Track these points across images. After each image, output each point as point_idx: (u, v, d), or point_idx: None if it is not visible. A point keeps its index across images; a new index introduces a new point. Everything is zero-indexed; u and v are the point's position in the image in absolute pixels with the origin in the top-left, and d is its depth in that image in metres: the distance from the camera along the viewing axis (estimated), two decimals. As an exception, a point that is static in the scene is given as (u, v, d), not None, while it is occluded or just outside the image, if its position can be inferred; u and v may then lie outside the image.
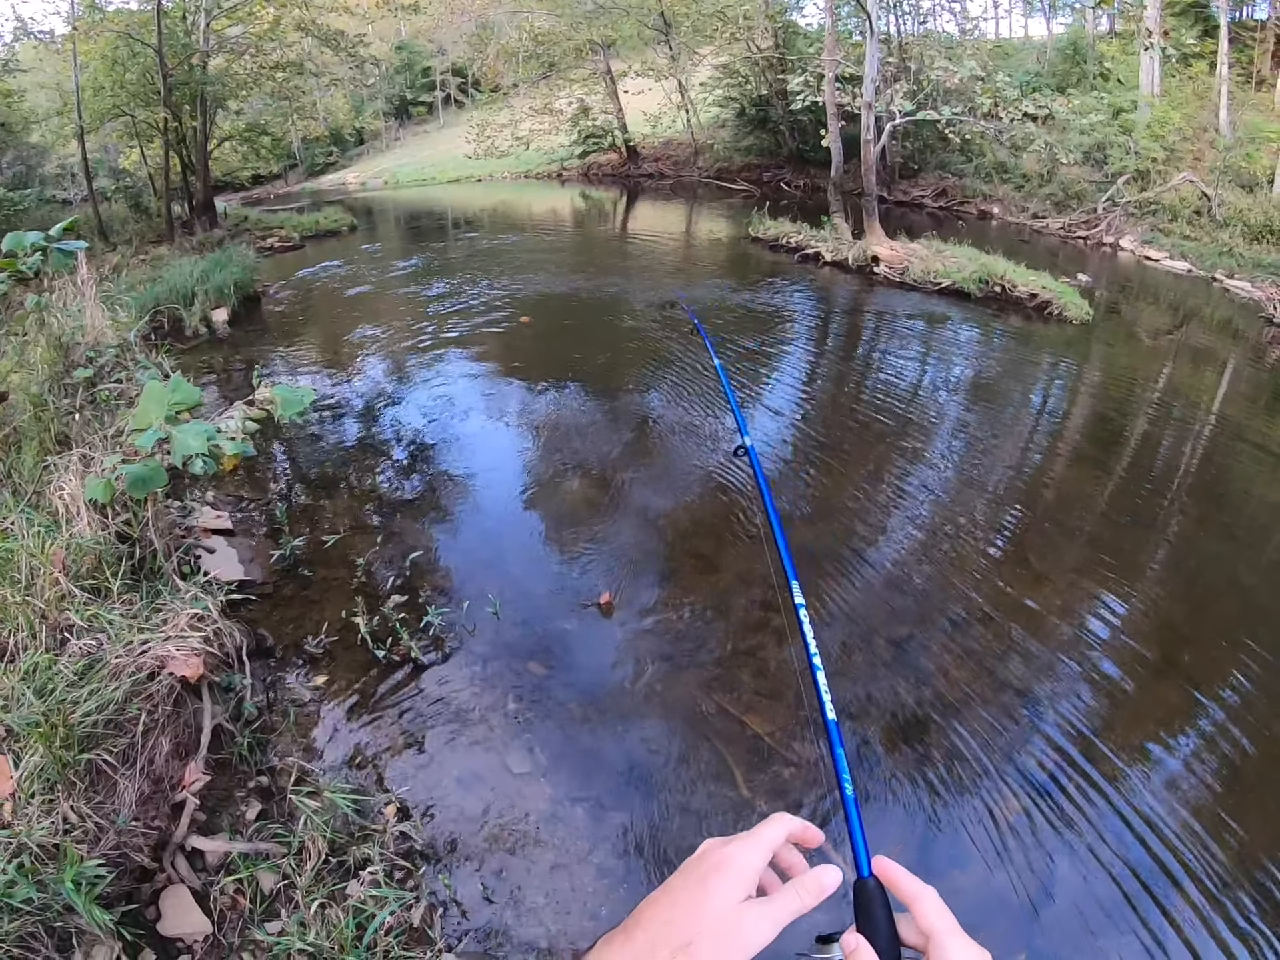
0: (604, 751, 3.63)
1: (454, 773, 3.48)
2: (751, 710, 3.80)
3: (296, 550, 4.91)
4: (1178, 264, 13.99)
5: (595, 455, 6.46)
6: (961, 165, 19.39)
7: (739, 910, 0.70)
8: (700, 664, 4.14)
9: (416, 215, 23.69)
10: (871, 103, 13.38)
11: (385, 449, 6.74)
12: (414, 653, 4.09)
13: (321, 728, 3.72)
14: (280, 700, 3.83)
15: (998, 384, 8.38)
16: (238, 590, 4.40)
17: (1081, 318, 10.13)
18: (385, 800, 3.29)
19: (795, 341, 9.81)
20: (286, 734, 3.63)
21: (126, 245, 15.58)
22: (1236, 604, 4.81)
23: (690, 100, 24.79)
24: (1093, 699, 3.96)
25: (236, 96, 18.63)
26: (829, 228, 14.24)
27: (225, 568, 4.58)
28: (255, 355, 9.34)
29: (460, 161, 30.08)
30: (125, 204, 18.74)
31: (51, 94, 19.61)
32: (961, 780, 3.48)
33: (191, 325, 10.08)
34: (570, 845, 3.18)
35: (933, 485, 6.05)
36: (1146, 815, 3.32)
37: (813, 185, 21.10)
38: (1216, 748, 3.70)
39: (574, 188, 26.37)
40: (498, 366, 8.64)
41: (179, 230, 16.78)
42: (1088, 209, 16.23)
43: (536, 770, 3.50)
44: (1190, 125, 16.59)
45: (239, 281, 11.38)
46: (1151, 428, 7.40)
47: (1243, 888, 3.05)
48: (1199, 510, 5.91)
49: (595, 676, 4.07)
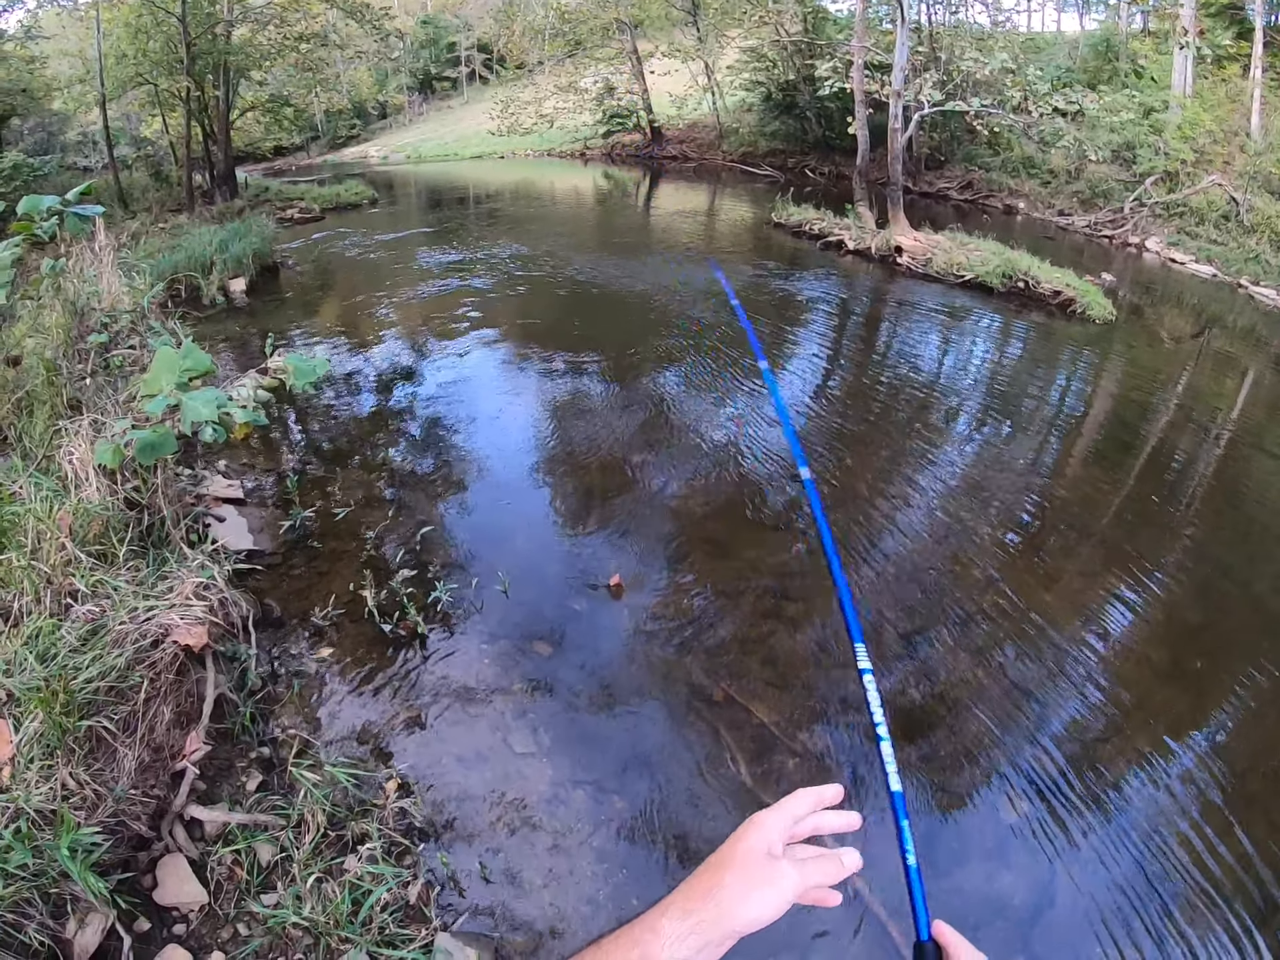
0: (607, 735, 3.61)
1: (455, 750, 3.47)
2: (758, 699, 3.77)
3: (307, 522, 4.90)
4: (1203, 268, 13.73)
5: (610, 436, 6.42)
6: (988, 158, 19.12)
7: (768, 859, 0.75)
8: (708, 649, 4.10)
9: (437, 190, 23.61)
10: (900, 91, 13.16)
11: (399, 422, 6.73)
12: (421, 628, 4.07)
13: (325, 700, 3.71)
14: (285, 671, 3.82)
15: (1020, 381, 8.28)
16: (246, 560, 4.40)
17: (1104, 317, 9.99)
18: (386, 776, 3.28)
19: (817, 330, 9.70)
20: (290, 705, 3.62)
21: (146, 213, 15.58)
22: (1248, 614, 4.75)
23: (716, 83, 24.55)
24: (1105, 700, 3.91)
25: (260, 67, 18.55)
26: (853, 216, 14.08)
27: (234, 537, 4.57)
28: (271, 325, 9.31)
29: (483, 138, 29.96)
30: (146, 172, 18.72)
31: (74, 61, 19.57)
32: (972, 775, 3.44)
33: (209, 294, 10.08)
34: (571, 827, 3.16)
35: (951, 485, 5.98)
36: (1152, 819, 3.28)
37: (837, 173, 20.91)
38: (1223, 754, 3.64)
39: (596, 167, 26.20)
40: (515, 345, 8.61)
41: (199, 200, 16.77)
42: (1114, 208, 15.97)
43: (539, 751, 3.48)
44: (1221, 128, 16.28)
45: (258, 251, 11.38)
46: (1172, 433, 7.28)
47: (1246, 897, 3.00)
48: (1214, 515, 5.83)
49: (602, 659, 4.04)
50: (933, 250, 12.03)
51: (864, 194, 14.56)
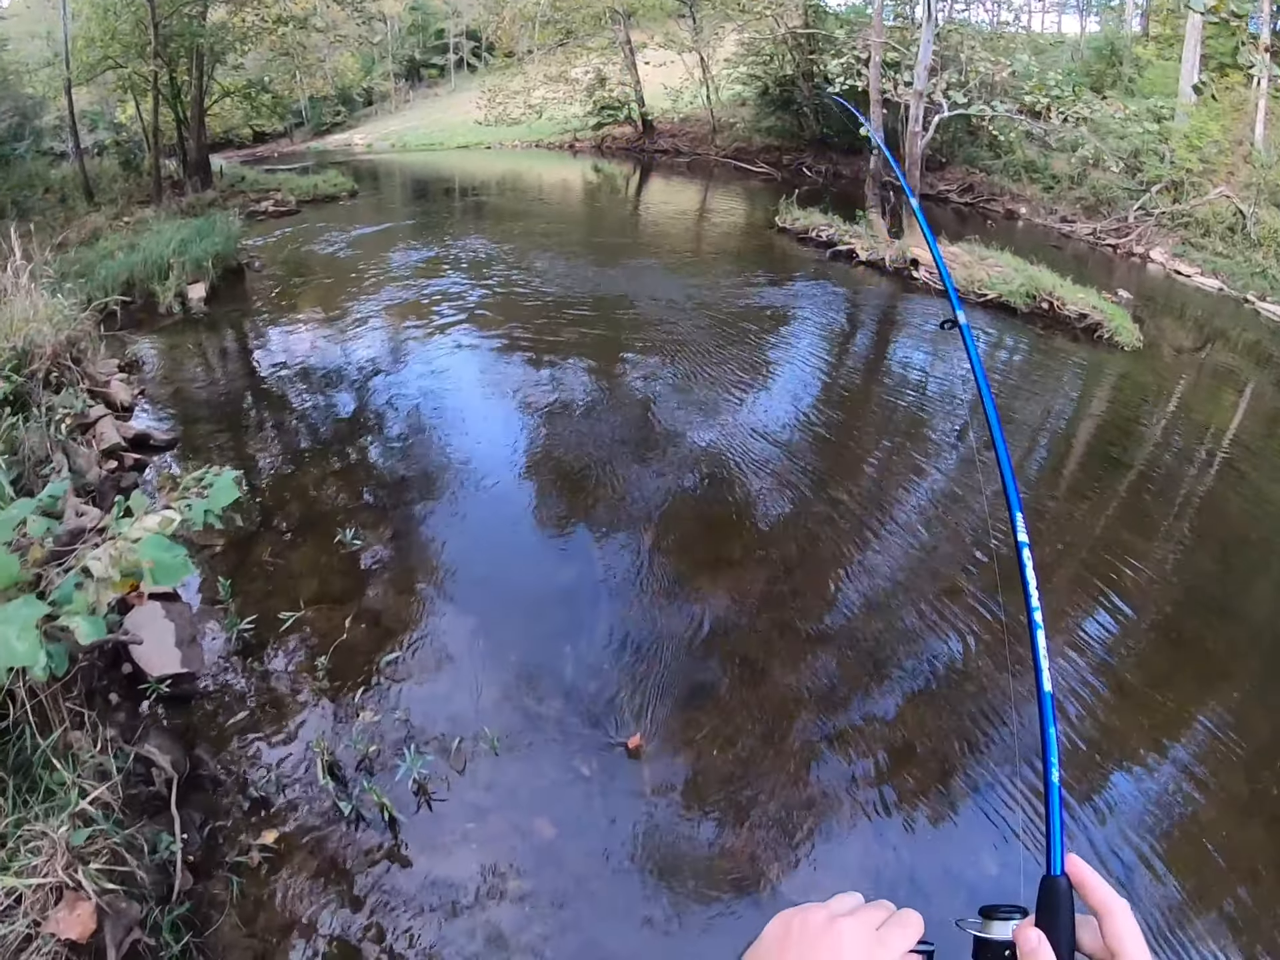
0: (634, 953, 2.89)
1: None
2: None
3: (245, 633, 4.12)
4: (1209, 281, 13.34)
5: (624, 519, 5.38)
6: (989, 161, 18.58)
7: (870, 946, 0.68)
8: (755, 824, 3.33)
9: (421, 182, 22.87)
10: (922, 91, 12.47)
11: (357, 486, 5.73)
12: (388, 808, 3.25)
13: (272, 912, 2.93)
14: (220, 862, 3.05)
15: (1069, 426, 7.71)
16: (172, 686, 3.74)
17: (1132, 344, 9.43)
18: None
19: (839, 356, 9.09)
20: (228, 921, 2.85)
21: (111, 205, 14.77)
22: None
23: (712, 76, 23.82)
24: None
25: (235, 50, 17.73)
26: (864, 223, 13.46)
27: (157, 655, 3.84)
28: (225, 343, 8.64)
29: (470, 127, 29.14)
30: (117, 160, 17.86)
31: (45, 44, 18.63)
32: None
33: (165, 302, 9.35)
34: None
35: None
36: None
37: (835, 172, 20.35)
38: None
39: (586, 159, 25.46)
40: (492, 389, 7.49)
41: (169, 190, 15.95)
42: (1119, 216, 15.53)
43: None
44: (1226, 138, 15.79)
45: (221, 252, 10.64)
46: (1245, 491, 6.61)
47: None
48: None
49: (620, 841, 3.24)
50: (951, 264, 11.37)
51: (876, 200, 13.96)
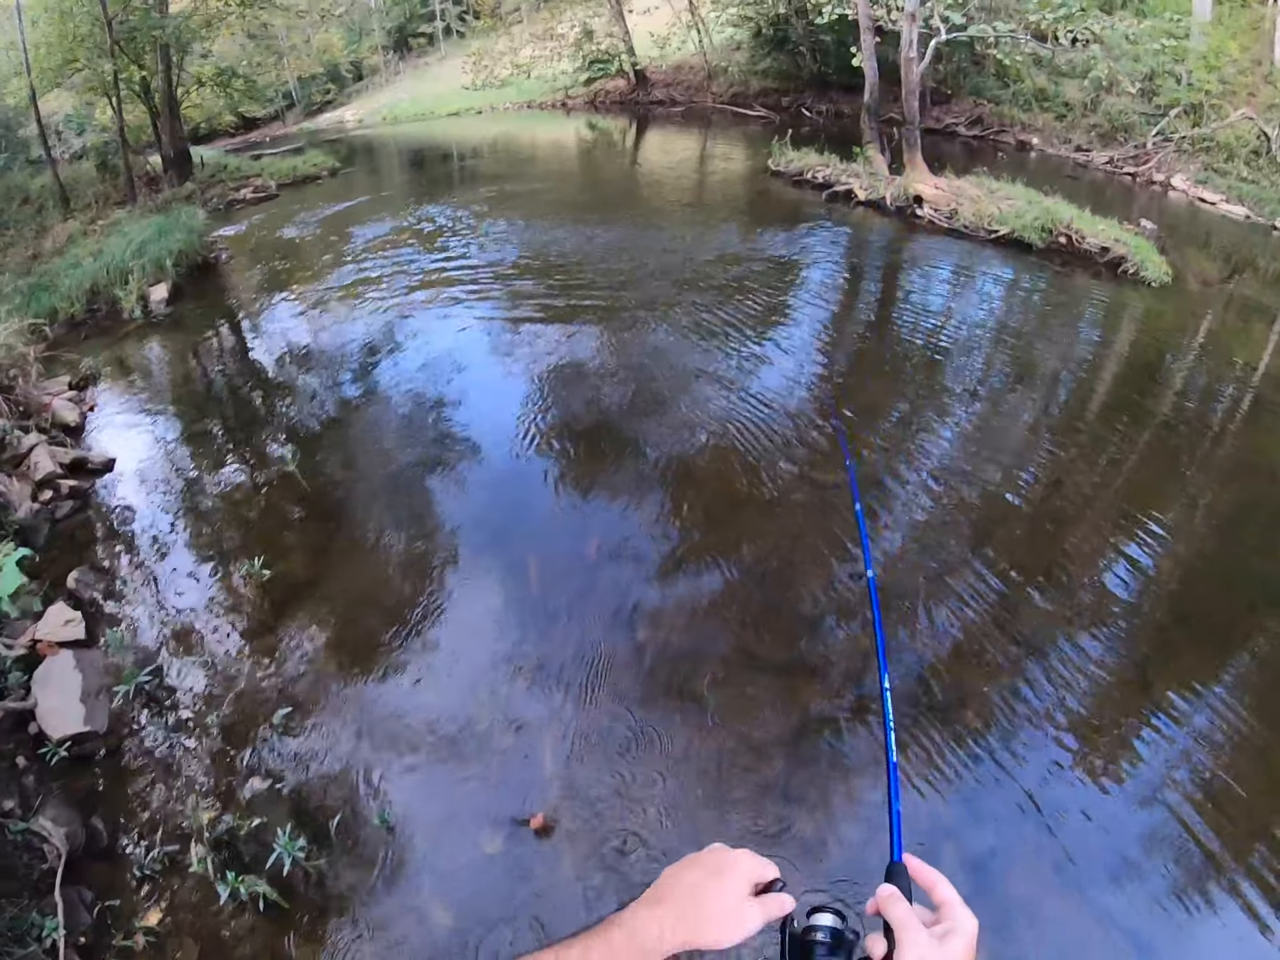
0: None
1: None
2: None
3: (146, 686, 3.76)
4: (1235, 208, 12.44)
5: (557, 558, 4.88)
6: (997, 91, 17.51)
7: (743, 903, 0.87)
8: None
9: (413, 152, 22.31)
10: (914, 14, 11.43)
11: (289, 503, 5.35)
12: (267, 894, 2.93)
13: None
14: (107, 945, 2.77)
15: (1092, 375, 7.09)
16: (74, 746, 3.38)
17: (1161, 279, 8.72)
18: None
19: (833, 309, 8.43)
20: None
21: (87, 210, 14.36)
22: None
23: (701, 19, 22.71)
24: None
25: (201, 39, 17.13)
26: (861, 160, 12.63)
27: (60, 715, 3.51)
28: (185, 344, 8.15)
29: (461, 94, 28.32)
30: (93, 163, 17.44)
31: (11, 54, 18.13)
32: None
33: (128, 306, 8.95)
34: None
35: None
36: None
37: (836, 111, 19.40)
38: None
39: (580, 117, 24.53)
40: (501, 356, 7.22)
41: (144, 188, 15.49)
42: (1136, 143, 14.54)
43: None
44: (1245, 57, 14.70)
45: (184, 249, 10.17)
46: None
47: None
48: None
49: (528, 932, 2.91)
50: (957, 199, 10.61)
51: (874, 135, 12.98)
